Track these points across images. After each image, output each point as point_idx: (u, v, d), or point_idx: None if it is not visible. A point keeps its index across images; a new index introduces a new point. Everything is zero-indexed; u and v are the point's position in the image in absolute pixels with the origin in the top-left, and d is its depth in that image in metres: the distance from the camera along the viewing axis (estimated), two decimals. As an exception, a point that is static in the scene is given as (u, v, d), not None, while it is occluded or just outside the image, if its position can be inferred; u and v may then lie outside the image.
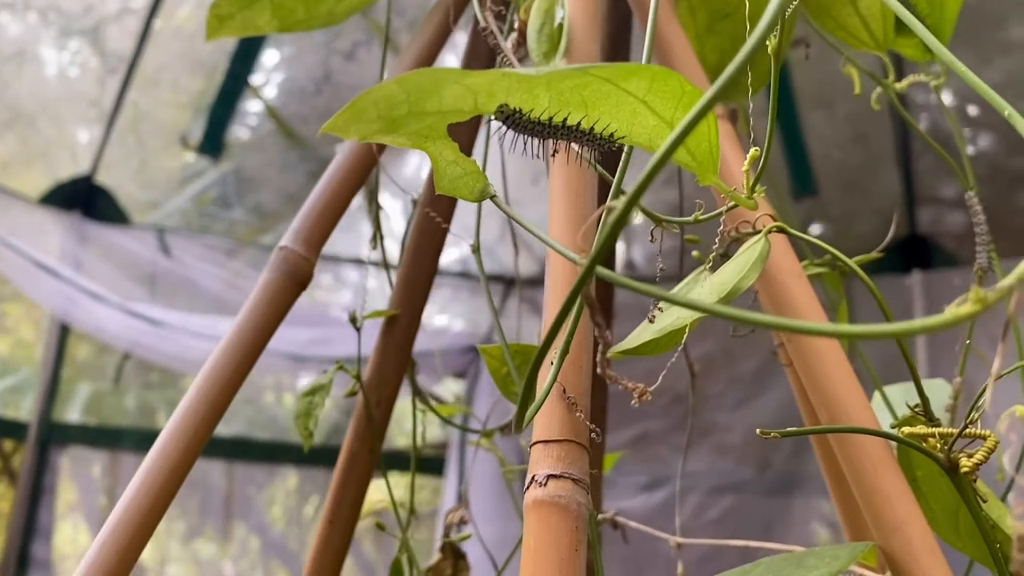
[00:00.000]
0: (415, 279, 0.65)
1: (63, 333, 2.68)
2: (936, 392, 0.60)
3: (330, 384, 0.59)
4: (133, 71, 2.30)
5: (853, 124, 2.43)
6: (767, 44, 0.43)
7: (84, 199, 2.46)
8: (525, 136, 0.34)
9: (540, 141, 0.34)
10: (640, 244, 2.73)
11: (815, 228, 2.69)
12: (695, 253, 0.56)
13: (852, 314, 0.70)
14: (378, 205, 0.65)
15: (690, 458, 2.41)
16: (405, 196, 0.68)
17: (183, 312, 2.58)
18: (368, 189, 0.66)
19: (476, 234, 0.51)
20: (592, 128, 0.34)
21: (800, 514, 2.52)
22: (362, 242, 2.74)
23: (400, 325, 0.64)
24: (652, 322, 0.41)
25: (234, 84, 2.37)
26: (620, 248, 2.71)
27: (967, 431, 0.37)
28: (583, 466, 0.37)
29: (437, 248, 0.65)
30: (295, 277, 0.54)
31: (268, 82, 2.55)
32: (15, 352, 3.43)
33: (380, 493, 0.68)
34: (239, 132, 2.56)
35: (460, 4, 0.64)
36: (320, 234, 0.55)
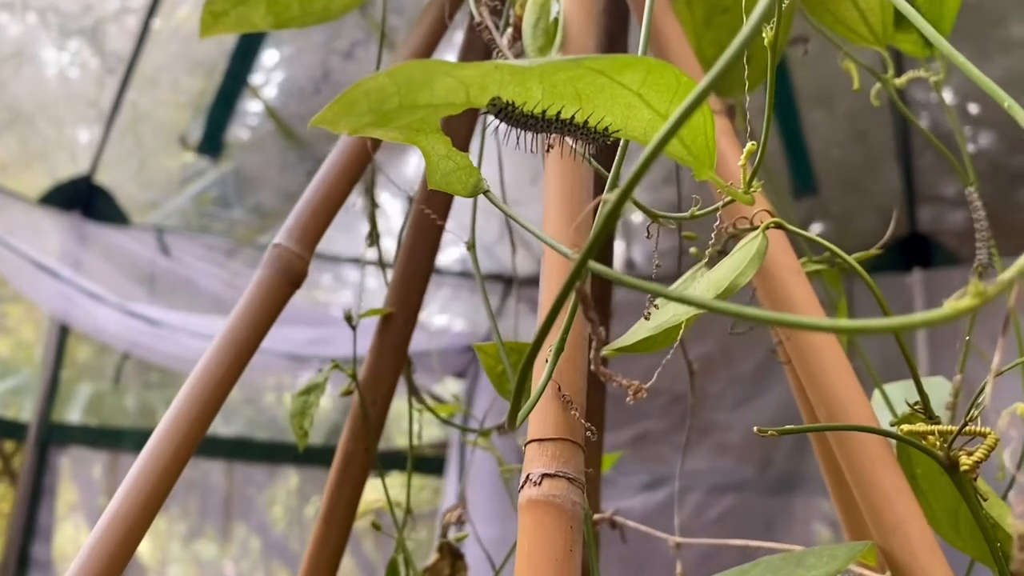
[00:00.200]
0: (411, 277, 0.64)
1: (63, 334, 2.68)
2: (936, 390, 0.60)
3: (325, 383, 0.58)
4: (132, 71, 2.30)
5: (853, 122, 2.43)
6: (764, 38, 0.42)
7: (83, 199, 2.46)
8: (519, 130, 0.33)
9: (534, 135, 0.33)
10: (640, 243, 2.73)
11: (815, 226, 2.69)
12: (693, 250, 0.55)
13: (852, 312, 0.69)
14: (374, 203, 0.65)
15: (691, 457, 2.41)
16: (405, 192, 0.68)
17: (182, 312, 2.58)
18: (365, 187, 0.65)
19: (471, 231, 0.50)
20: (586, 122, 0.33)
21: (801, 513, 2.51)
22: (362, 241, 2.73)
23: (396, 324, 0.63)
24: (648, 319, 0.41)
25: (233, 84, 2.37)
26: (620, 247, 2.70)
27: (967, 429, 0.36)
28: (578, 465, 0.37)
29: (433, 246, 0.65)
30: (289, 275, 0.54)
31: (267, 82, 2.54)
32: (15, 353, 3.43)
33: (377, 493, 0.67)
34: (239, 132, 2.56)
35: (455, 1, 0.64)
36: (314, 232, 0.55)
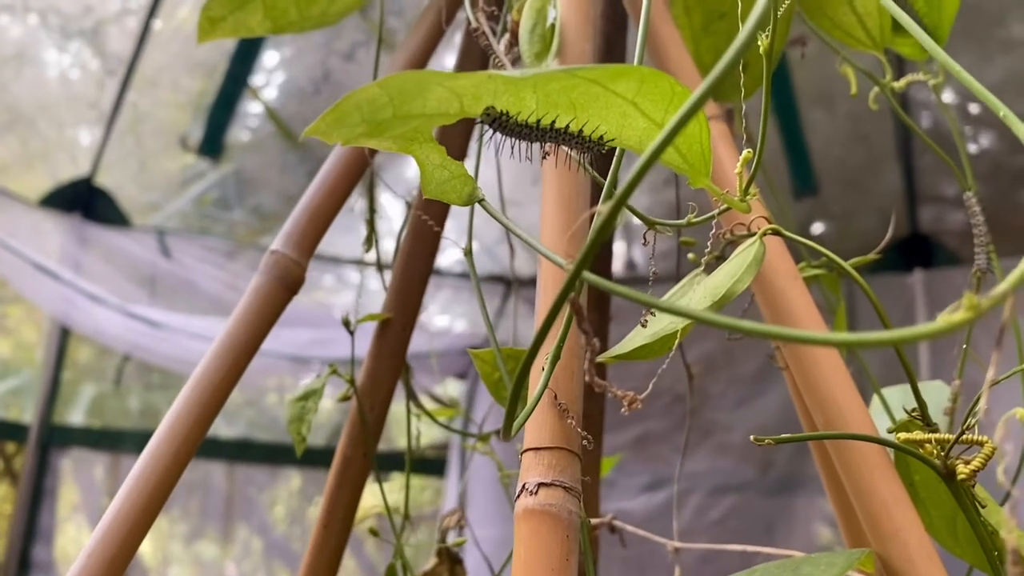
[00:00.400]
0: (409, 283, 0.64)
1: (64, 335, 2.68)
2: (935, 395, 0.59)
3: (322, 389, 0.58)
4: (132, 72, 2.30)
5: (854, 122, 2.42)
6: (760, 46, 0.42)
7: (84, 201, 2.46)
8: (513, 139, 0.33)
9: (529, 144, 0.33)
10: (641, 244, 2.72)
11: (816, 226, 2.69)
12: (691, 255, 0.55)
13: (852, 313, 0.69)
14: (373, 208, 0.65)
15: (692, 458, 2.41)
16: (404, 196, 0.68)
17: (183, 314, 2.58)
18: (364, 190, 0.65)
19: (468, 237, 0.50)
20: (581, 130, 0.33)
21: (802, 514, 2.51)
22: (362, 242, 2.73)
23: (394, 329, 0.63)
24: (645, 327, 0.41)
25: (233, 85, 2.37)
26: (621, 248, 2.70)
27: (964, 437, 0.36)
28: (575, 473, 0.37)
29: (431, 251, 0.65)
30: (285, 281, 0.54)
31: (268, 83, 2.54)
32: (16, 354, 3.43)
33: (379, 497, 0.67)
34: (239, 133, 2.56)
35: (453, 5, 0.64)
36: (312, 238, 0.55)
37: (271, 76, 2.53)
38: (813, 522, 2.55)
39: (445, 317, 3.10)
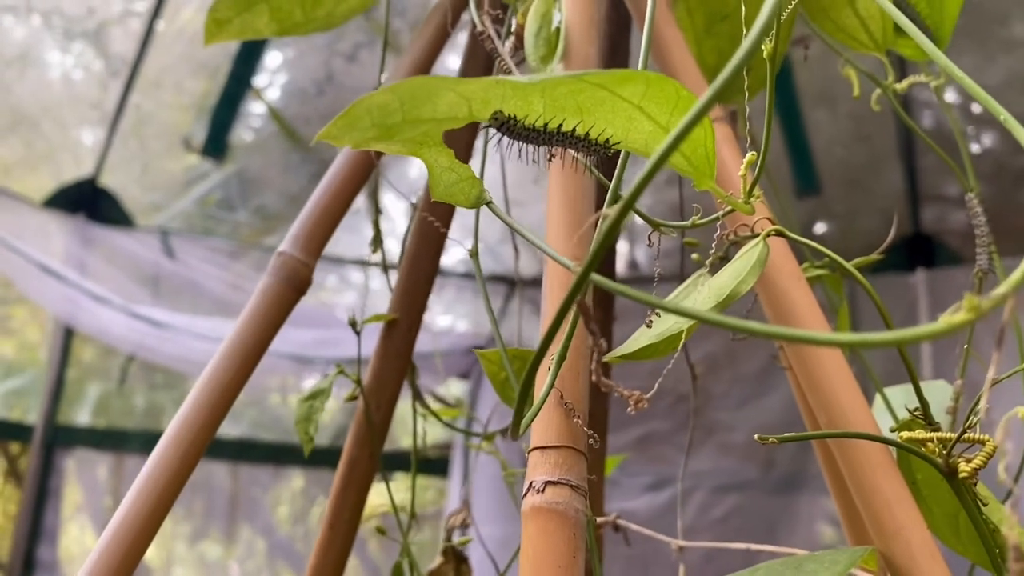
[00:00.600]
0: (415, 283, 0.65)
1: (68, 335, 2.69)
2: (937, 394, 0.60)
3: (330, 388, 0.59)
4: (136, 73, 2.30)
5: (856, 122, 2.43)
6: (763, 49, 0.43)
7: (88, 202, 2.47)
8: (521, 142, 0.33)
9: (536, 147, 0.34)
10: (644, 243, 2.73)
11: (819, 226, 2.69)
12: (695, 256, 0.56)
13: (855, 313, 0.69)
14: (378, 209, 0.65)
15: (695, 457, 2.41)
16: (408, 196, 0.68)
17: (187, 314, 2.59)
18: (369, 192, 0.66)
19: (475, 239, 0.51)
20: (587, 134, 0.34)
21: (805, 512, 2.51)
22: (367, 243, 2.73)
23: (400, 329, 0.63)
24: (650, 327, 0.41)
25: (237, 86, 2.37)
26: (623, 248, 2.71)
27: (966, 436, 0.36)
28: (581, 472, 0.37)
29: (436, 252, 0.65)
30: (293, 283, 0.54)
31: (271, 84, 2.55)
32: (20, 354, 3.43)
33: (382, 497, 0.68)
34: (242, 134, 2.56)
35: (459, 7, 0.64)
36: (319, 239, 0.55)
37: (274, 77, 2.54)
38: (816, 521, 2.55)
39: (448, 317, 3.11)
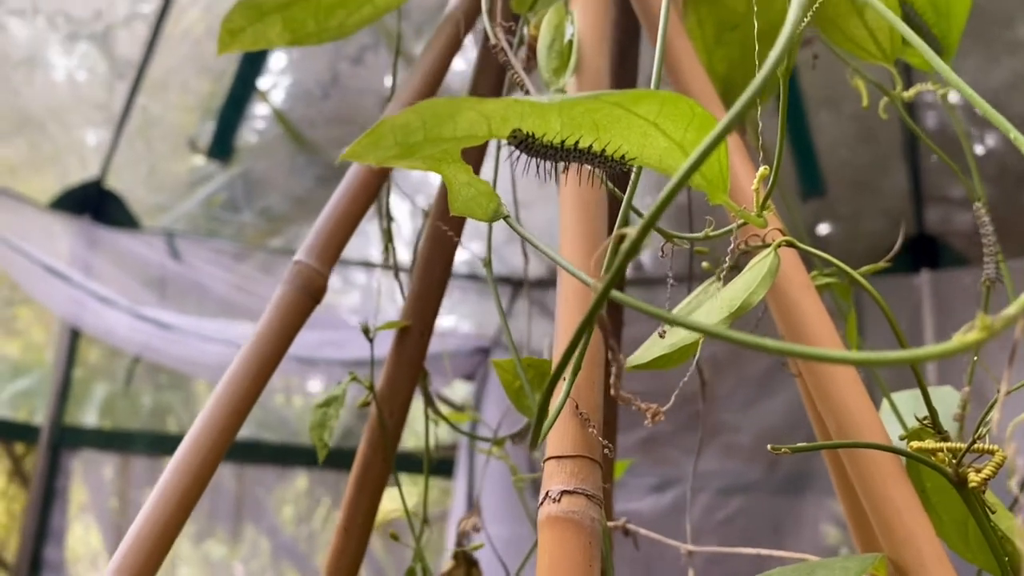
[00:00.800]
0: (427, 290, 0.65)
1: (74, 336, 2.70)
2: (945, 400, 0.60)
3: (344, 395, 0.59)
4: (142, 75, 2.31)
5: (861, 123, 2.43)
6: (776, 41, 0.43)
7: (94, 204, 2.48)
8: (538, 159, 0.34)
9: (553, 163, 0.34)
10: (648, 245, 2.73)
11: (823, 227, 2.69)
12: (705, 264, 0.56)
13: (862, 315, 0.70)
14: (389, 216, 0.66)
15: (700, 458, 2.41)
16: (413, 196, 0.69)
17: (192, 316, 2.60)
18: (378, 202, 0.66)
19: (488, 249, 0.51)
20: (603, 150, 0.34)
21: (810, 514, 2.52)
22: (370, 244, 2.74)
23: (412, 336, 0.64)
24: (662, 337, 0.42)
25: (242, 88, 2.38)
26: (628, 249, 2.71)
27: (975, 446, 0.37)
28: (596, 481, 0.38)
29: (448, 259, 0.66)
30: (309, 291, 0.55)
31: (276, 85, 2.56)
32: (26, 355, 3.45)
33: (392, 502, 0.68)
34: (247, 136, 2.57)
35: (471, 17, 0.65)
36: (334, 248, 0.56)
37: (279, 78, 2.55)
38: (821, 522, 2.56)
39: (451, 317, 3.12)
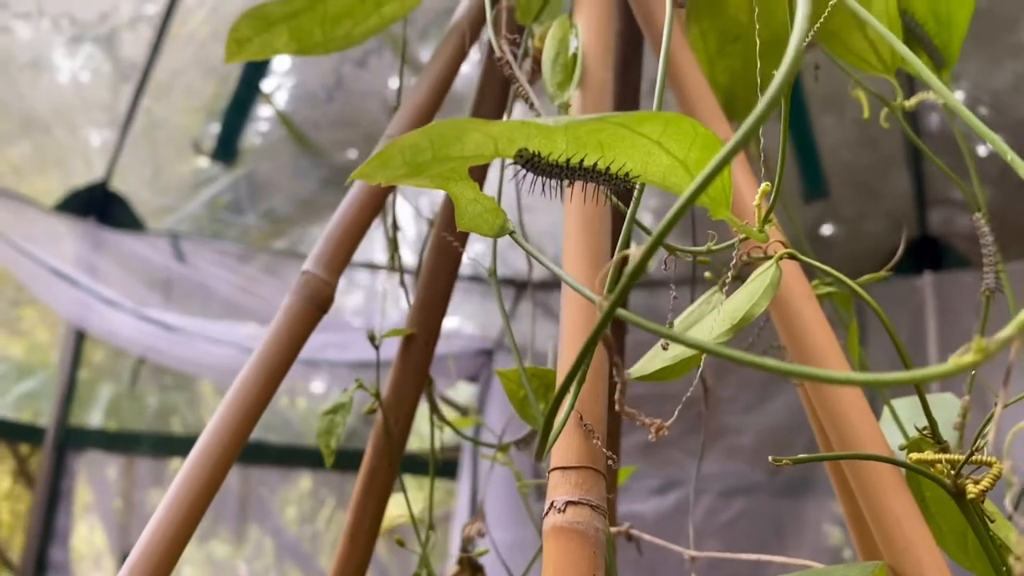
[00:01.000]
0: (431, 300, 0.66)
1: (79, 338, 2.71)
2: (946, 407, 0.61)
3: (351, 403, 0.60)
4: (147, 78, 2.32)
5: (864, 125, 2.43)
6: (778, 53, 0.44)
7: (99, 206, 2.48)
8: (544, 177, 0.35)
9: (558, 182, 0.35)
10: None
11: (826, 228, 2.70)
12: (707, 275, 0.57)
13: (864, 319, 0.70)
14: (396, 226, 0.67)
15: (702, 460, 2.42)
16: (417, 199, 0.69)
17: (197, 317, 2.61)
18: (384, 211, 0.67)
19: (492, 259, 0.52)
20: (608, 168, 0.35)
21: (812, 515, 2.52)
22: (373, 246, 2.75)
23: (417, 345, 0.65)
24: (665, 349, 0.42)
25: (247, 90, 2.39)
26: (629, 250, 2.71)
27: (973, 458, 0.38)
28: (600, 492, 0.39)
29: (453, 269, 0.66)
30: (316, 300, 0.56)
31: (280, 87, 2.56)
32: (30, 355, 3.46)
33: (398, 508, 0.69)
34: (251, 137, 2.58)
35: (475, 28, 0.65)
36: (341, 259, 0.57)
37: (283, 81, 2.56)
38: (823, 523, 2.56)
39: (455, 319, 3.12)
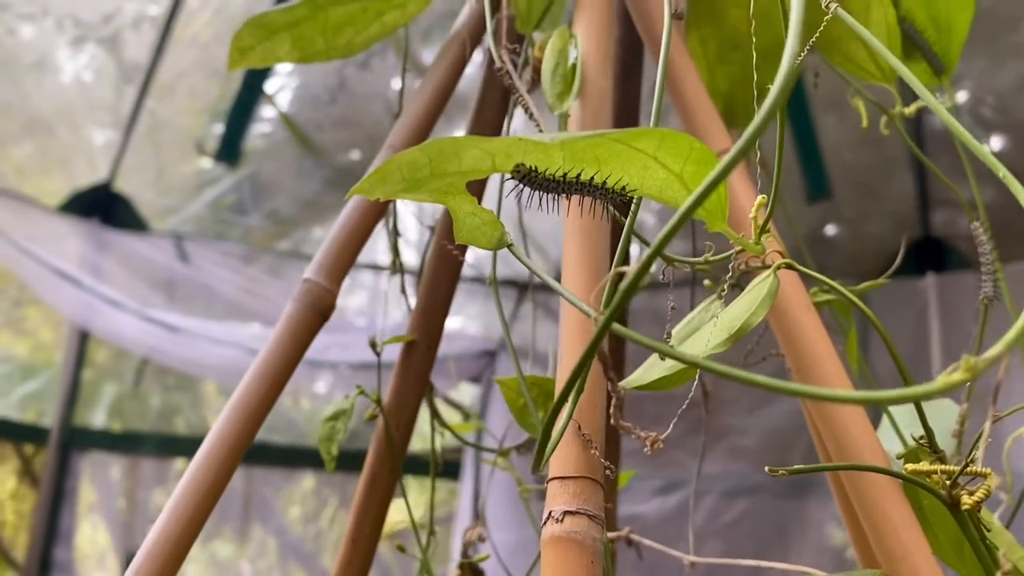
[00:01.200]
0: (432, 306, 0.66)
1: (83, 338, 2.72)
2: (945, 413, 0.61)
3: (352, 409, 0.60)
4: (150, 79, 2.33)
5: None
6: (776, 60, 0.44)
7: (102, 206, 2.49)
8: (541, 192, 0.35)
9: (556, 196, 0.35)
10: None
11: (830, 229, 2.70)
12: (707, 283, 0.57)
13: (864, 325, 0.71)
14: (397, 232, 0.67)
15: (705, 462, 2.42)
16: (417, 204, 0.70)
17: (200, 318, 2.61)
18: (385, 218, 0.67)
19: (492, 269, 0.52)
20: (604, 182, 0.35)
21: (815, 516, 2.52)
22: (376, 247, 2.76)
23: (419, 351, 0.65)
24: (663, 359, 0.43)
25: (250, 91, 2.39)
26: (631, 251, 2.72)
27: (968, 469, 0.38)
28: (598, 502, 0.39)
29: (454, 276, 0.67)
30: (318, 308, 0.56)
31: (283, 88, 2.57)
32: (35, 356, 3.46)
33: (399, 512, 0.69)
34: (255, 138, 2.59)
35: (476, 37, 0.66)
36: (343, 266, 0.57)
37: (286, 82, 2.56)
38: (825, 524, 2.56)
39: (458, 319, 3.12)
